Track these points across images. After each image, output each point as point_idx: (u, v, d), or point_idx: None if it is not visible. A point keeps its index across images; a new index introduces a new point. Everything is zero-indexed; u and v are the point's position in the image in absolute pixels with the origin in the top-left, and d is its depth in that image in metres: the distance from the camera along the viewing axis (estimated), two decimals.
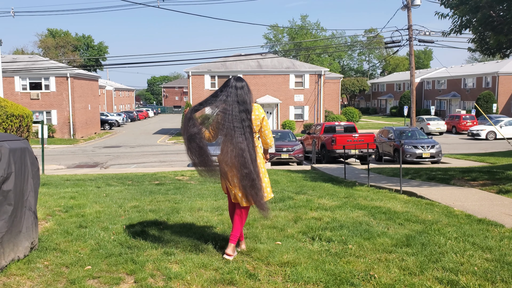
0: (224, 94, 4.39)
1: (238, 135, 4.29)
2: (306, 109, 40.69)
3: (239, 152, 4.26)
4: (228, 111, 4.32)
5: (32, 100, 36.58)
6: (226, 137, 4.33)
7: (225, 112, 4.33)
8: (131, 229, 5.44)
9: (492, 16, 10.08)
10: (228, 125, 4.29)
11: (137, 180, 12.04)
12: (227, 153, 4.33)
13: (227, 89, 4.42)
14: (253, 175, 4.29)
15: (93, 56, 75.16)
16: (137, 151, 29.53)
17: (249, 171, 4.27)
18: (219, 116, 4.37)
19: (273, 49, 74.96)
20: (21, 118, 6.32)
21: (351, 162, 20.42)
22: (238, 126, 4.30)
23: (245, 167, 4.27)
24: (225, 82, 4.55)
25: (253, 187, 4.30)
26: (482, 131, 31.93)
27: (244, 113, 4.36)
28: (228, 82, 4.49)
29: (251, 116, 4.42)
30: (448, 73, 54.45)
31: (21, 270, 4.03)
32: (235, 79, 4.50)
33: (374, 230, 5.37)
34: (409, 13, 26.82)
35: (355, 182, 11.48)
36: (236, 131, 4.29)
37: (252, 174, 4.28)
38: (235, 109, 4.33)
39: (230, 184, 4.49)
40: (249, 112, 4.40)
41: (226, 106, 4.34)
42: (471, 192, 8.83)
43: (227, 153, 4.33)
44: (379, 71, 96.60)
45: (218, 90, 4.51)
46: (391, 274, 3.96)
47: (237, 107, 4.35)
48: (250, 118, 4.40)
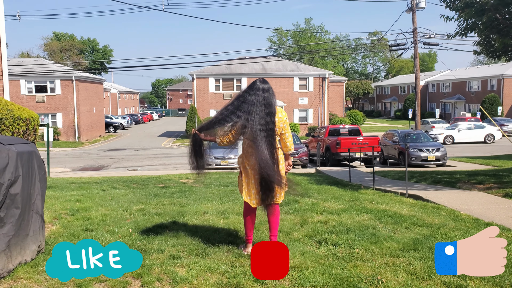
0: (248, 103, 4.38)
1: (264, 139, 4.34)
2: (311, 112, 40.66)
3: (264, 155, 4.30)
4: (253, 113, 4.35)
5: (37, 103, 36.75)
6: (251, 141, 4.37)
7: (250, 114, 4.35)
8: (137, 233, 5.44)
9: (497, 19, 10.04)
10: (253, 129, 4.32)
11: (142, 183, 12.05)
12: (252, 156, 4.38)
13: (252, 95, 4.41)
14: (277, 177, 4.39)
15: (98, 59, 75.50)
16: (141, 154, 29.58)
17: (273, 174, 4.34)
18: (242, 120, 4.39)
19: (277, 52, 75.06)
20: (28, 121, 6.34)
21: (356, 165, 20.37)
22: (263, 129, 4.35)
23: (270, 170, 4.32)
24: (249, 85, 4.54)
25: (278, 184, 4.44)
26: (440, 135, 31.35)
27: (269, 116, 4.39)
28: (254, 85, 4.48)
29: (275, 119, 4.45)
30: (453, 75, 54.28)
31: (28, 273, 4.04)
32: (260, 81, 4.51)
33: (380, 234, 5.35)
34: (414, 16, 26.79)
35: (360, 185, 11.44)
36: (262, 134, 4.33)
37: (275, 176, 4.37)
38: (261, 112, 4.36)
39: (252, 187, 4.51)
40: (273, 115, 4.43)
41: (251, 108, 4.36)
42: (478, 196, 8.78)
43: (252, 156, 4.38)
44: (383, 74, 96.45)
45: (239, 97, 4.49)
46: (399, 279, 3.93)
47: (263, 110, 4.38)
48: (274, 121, 4.44)
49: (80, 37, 79.38)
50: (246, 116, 4.36)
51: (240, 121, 4.40)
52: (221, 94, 40.14)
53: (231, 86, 40.24)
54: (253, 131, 4.32)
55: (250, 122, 4.33)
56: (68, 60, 67.77)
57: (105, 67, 76.05)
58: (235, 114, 4.42)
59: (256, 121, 4.33)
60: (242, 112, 4.39)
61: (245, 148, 4.50)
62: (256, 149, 4.32)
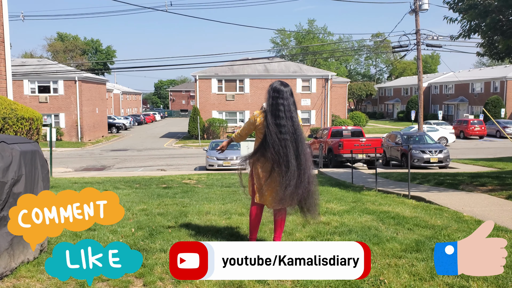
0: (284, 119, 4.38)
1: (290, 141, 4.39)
2: (313, 113, 40.64)
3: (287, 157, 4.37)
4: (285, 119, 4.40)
5: (40, 103, 36.86)
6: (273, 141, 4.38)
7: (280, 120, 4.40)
8: (139, 232, 5.45)
9: (501, 20, 10.03)
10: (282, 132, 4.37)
11: (145, 183, 12.07)
12: (280, 157, 4.38)
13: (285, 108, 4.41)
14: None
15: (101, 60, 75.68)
16: (144, 155, 29.62)
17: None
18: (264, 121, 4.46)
19: (280, 53, 75.10)
20: (31, 121, 6.36)
21: (358, 167, 20.34)
22: (290, 132, 4.42)
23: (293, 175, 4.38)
24: (277, 92, 4.47)
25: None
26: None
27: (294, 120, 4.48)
28: (282, 94, 4.44)
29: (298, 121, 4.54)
30: (456, 77, 54.19)
31: (30, 272, 4.05)
32: (284, 85, 4.52)
33: (383, 235, 5.34)
34: (417, 18, 26.75)
35: (363, 186, 11.43)
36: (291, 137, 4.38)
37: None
38: (296, 120, 4.44)
39: (266, 189, 4.54)
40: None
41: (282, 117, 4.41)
42: (481, 198, 8.76)
43: (279, 157, 4.38)
44: (386, 75, 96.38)
45: (276, 111, 4.42)
46: (401, 280, 3.92)
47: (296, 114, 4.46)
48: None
49: (84, 37, 79.73)
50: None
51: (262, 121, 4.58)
52: (223, 95, 40.16)
53: (234, 87, 40.26)
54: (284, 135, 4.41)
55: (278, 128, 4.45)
56: (71, 60, 67.97)
57: (108, 68, 76.21)
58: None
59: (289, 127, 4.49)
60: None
61: (264, 148, 4.48)
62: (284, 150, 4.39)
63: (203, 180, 13.05)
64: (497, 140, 35.55)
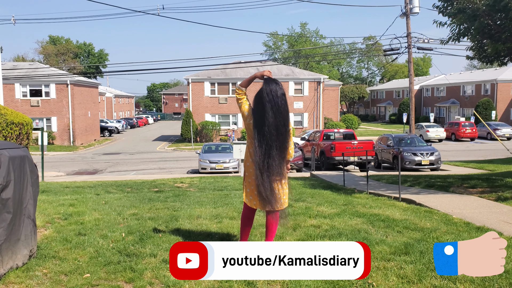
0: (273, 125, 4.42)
1: (276, 143, 4.45)
2: (306, 116, 40.76)
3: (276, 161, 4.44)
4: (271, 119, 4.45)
5: (32, 107, 36.64)
6: (262, 144, 4.43)
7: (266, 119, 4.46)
8: (130, 237, 5.44)
9: (489, 24, 10.15)
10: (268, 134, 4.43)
11: (136, 187, 12.04)
12: (268, 160, 4.44)
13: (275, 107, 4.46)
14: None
15: (93, 63, 75.38)
16: (136, 158, 29.53)
17: (280, 178, 4.53)
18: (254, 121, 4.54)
19: (273, 56, 75.26)
20: (21, 125, 6.34)
21: (350, 169, 20.43)
22: (281, 133, 4.49)
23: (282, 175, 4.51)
24: (273, 92, 4.55)
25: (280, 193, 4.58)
26: None
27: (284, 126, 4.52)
28: (276, 93, 4.53)
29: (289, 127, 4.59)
30: (447, 80, 54.61)
31: (19, 278, 4.03)
32: (276, 84, 4.62)
33: (372, 238, 5.38)
34: (408, 21, 26.96)
35: (354, 189, 11.48)
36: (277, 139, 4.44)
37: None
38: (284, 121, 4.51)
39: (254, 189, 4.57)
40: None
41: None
42: (470, 200, 8.84)
43: (267, 159, 4.44)
44: (378, 78, 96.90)
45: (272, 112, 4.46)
46: (389, 283, 3.96)
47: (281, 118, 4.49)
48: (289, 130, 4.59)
49: (76, 41, 79.31)
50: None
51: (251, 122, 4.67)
52: (216, 98, 40.18)
53: (227, 90, 40.28)
54: (270, 136, 4.46)
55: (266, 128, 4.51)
56: (64, 64, 67.64)
57: (100, 71, 75.99)
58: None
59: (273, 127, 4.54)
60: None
61: (257, 152, 4.52)
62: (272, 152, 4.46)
63: (195, 183, 13.04)
64: (488, 142, 35.83)
